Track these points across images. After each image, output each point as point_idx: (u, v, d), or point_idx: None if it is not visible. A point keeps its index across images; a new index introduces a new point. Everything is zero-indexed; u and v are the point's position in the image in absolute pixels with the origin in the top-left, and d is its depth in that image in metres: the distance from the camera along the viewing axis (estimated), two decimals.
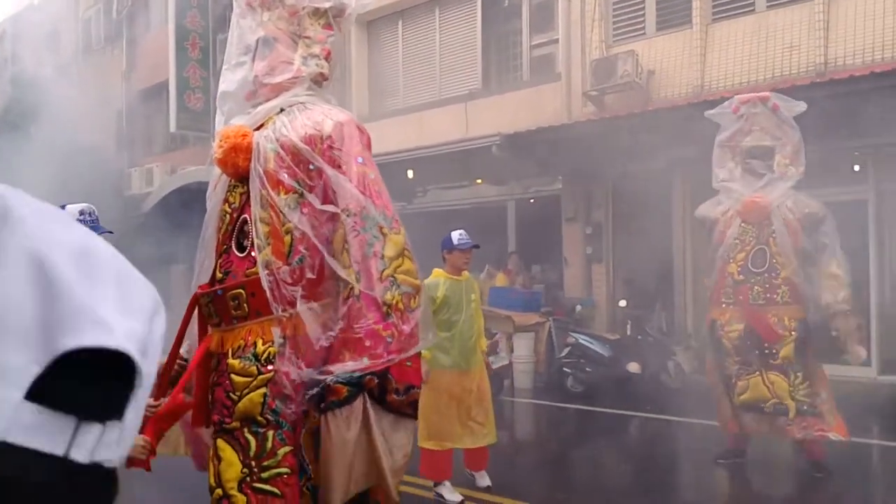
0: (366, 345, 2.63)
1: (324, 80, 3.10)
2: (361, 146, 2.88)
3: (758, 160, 6.33)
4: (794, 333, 6.03)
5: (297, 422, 2.71)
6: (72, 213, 3.67)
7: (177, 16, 19.37)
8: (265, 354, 2.69)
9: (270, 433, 2.66)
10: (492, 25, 14.52)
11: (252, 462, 2.65)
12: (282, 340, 2.70)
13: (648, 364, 10.31)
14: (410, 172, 13.40)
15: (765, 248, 6.23)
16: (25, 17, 23.61)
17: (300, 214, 2.77)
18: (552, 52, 13.68)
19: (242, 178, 2.92)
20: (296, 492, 2.68)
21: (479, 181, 14.16)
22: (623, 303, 11.84)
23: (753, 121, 6.39)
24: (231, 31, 3.25)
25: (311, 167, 2.80)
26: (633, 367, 10.34)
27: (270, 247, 2.75)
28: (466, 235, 6.10)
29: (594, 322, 12.03)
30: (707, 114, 6.58)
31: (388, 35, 15.96)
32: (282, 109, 2.99)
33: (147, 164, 21.26)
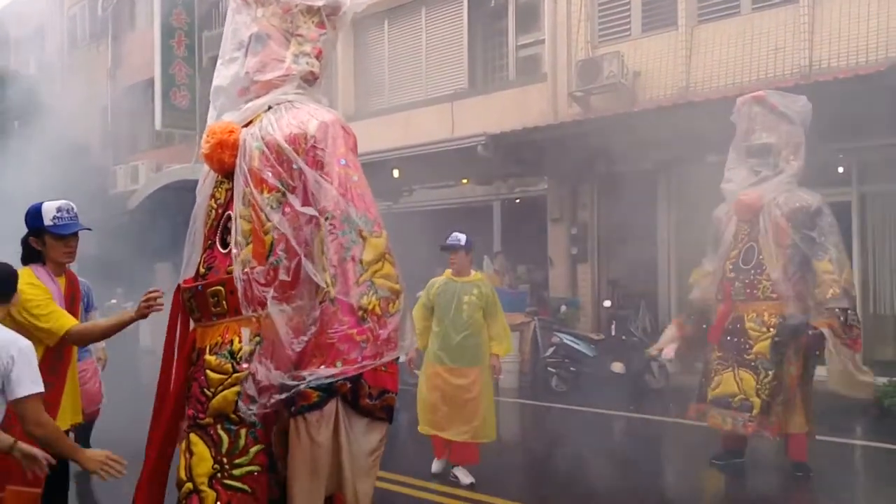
0: (339, 349, 2.59)
1: (314, 79, 3.08)
2: (346, 147, 2.84)
3: (757, 159, 6.36)
4: (772, 330, 6.06)
5: (270, 420, 2.69)
6: (49, 211, 3.62)
7: (162, 13, 19.29)
8: (241, 353, 2.69)
9: (243, 431, 2.66)
10: (478, 25, 14.52)
11: (224, 459, 2.65)
12: (254, 340, 2.69)
13: (632, 364, 10.35)
14: (396, 172, 13.38)
15: (754, 245, 6.27)
16: (10, 13, 23.45)
17: (281, 215, 2.74)
18: (538, 53, 13.71)
19: (228, 175, 2.91)
20: (265, 489, 2.68)
21: (465, 181, 14.16)
22: (608, 303, 11.88)
23: (754, 120, 6.42)
24: (226, 26, 3.23)
25: (294, 167, 2.78)
26: (618, 367, 10.38)
27: (251, 246, 2.74)
28: (457, 236, 6.17)
29: (579, 322, 12.05)
30: (732, 118, 6.59)
31: (375, 34, 15.95)
32: (270, 107, 2.97)
33: (132, 162, 21.15)
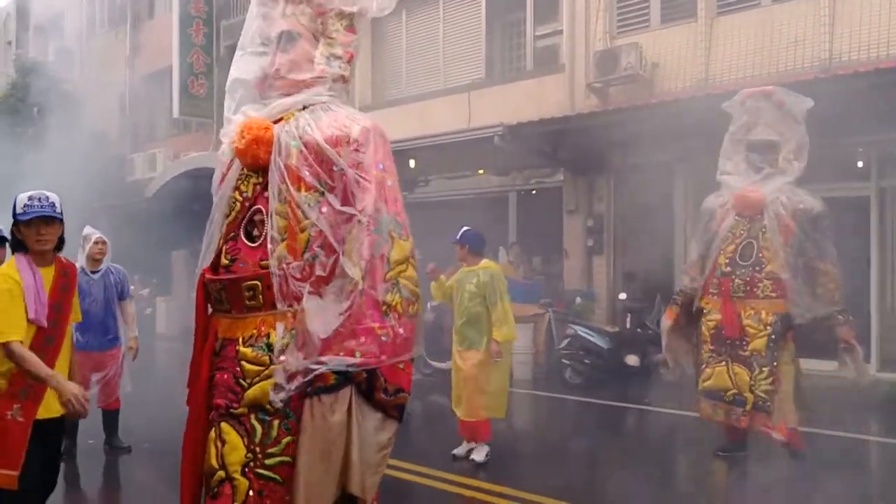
0: (360, 341, 2.66)
1: (344, 83, 3.12)
2: (383, 153, 2.89)
3: (758, 154, 6.33)
4: (769, 328, 6.07)
5: (301, 412, 2.71)
6: (21, 200, 3.72)
7: (181, 1, 19.33)
8: (278, 346, 2.73)
9: (276, 422, 2.70)
10: (496, 15, 14.48)
11: (257, 448, 2.69)
12: (290, 334, 2.72)
13: (647, 357, 10.33)
14: (412, 162, 13.39)
15: (753, 242, 6.25)
16: (29, 0, 23.60)
17: (319, 213, 2.79)
18: (556, 43, 13.65)
19: (258, 169, 2.94)
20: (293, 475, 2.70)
21: (482, 172, 14.15)
22: (623, 296, 11.85)
23: (758, 115, 6.38)
24: (248, 18, 3.22)
25: (335, 168, 2.81)
26: (632, 360, 10.37)
27: (286, 242, 2.78)
28: (460, 231, 6.72)
29: (594, 314, 12.04)
30: (723, 105, 6.58)
31: (393, 24, 15.92)
32: (304, 107, 2.99)
33: (150, 150, 21.26)
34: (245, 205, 2.96)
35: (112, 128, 22.56)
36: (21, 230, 3.78)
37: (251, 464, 2.68)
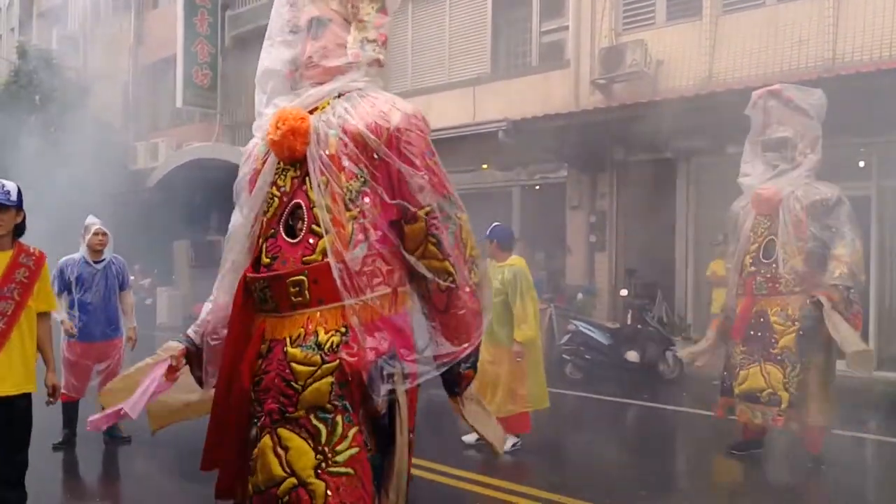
0: (470, 323, 2.79)
1: (380, 67, 3.05)
2: (427, 140, 2.88)
3: (774, 152, 6.34)
4: (797, 324, 6.05)
5: (357, 403, 2.68)
6: None
7: None
8: (328, 343, 2.65)
9: (339, 418, 2.64)
10: (502, 10, 14.49)
11: (325, 448, 2.62)
12: (340, 331, 2.68)
13: (647, 354, 10.37)
14: None
15: (774, 239, 6.24)
16: None
17: (362, 202, 2.72)
18: (562, 39, 13.66)
19: (294, 162, 2.82)
20: (366, 467, 2.68)
21: (485, 166, 14.17)
22: (624, 292, 11.87)
23: (770, 114, 6.39)
24: (275, 7, 3.10)
25: (376, 156, 2.74)
26: (632, 356, 10.41)
27: (330, 235, 2.68)
28: (491, 226, 6.88)
29: (595, 310, 12.08)
30: (746, 111, 6.58)
31: (398, 17, 15.90)
32: (340, 94, 2.89)
33: (153, 140, 21.26)
34: (283, 199, 2.82)
35: (115, 117, 22.56)
36: None
37: (322, 465, 2.61)
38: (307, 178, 2.76)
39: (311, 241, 2.71)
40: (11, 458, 4.26)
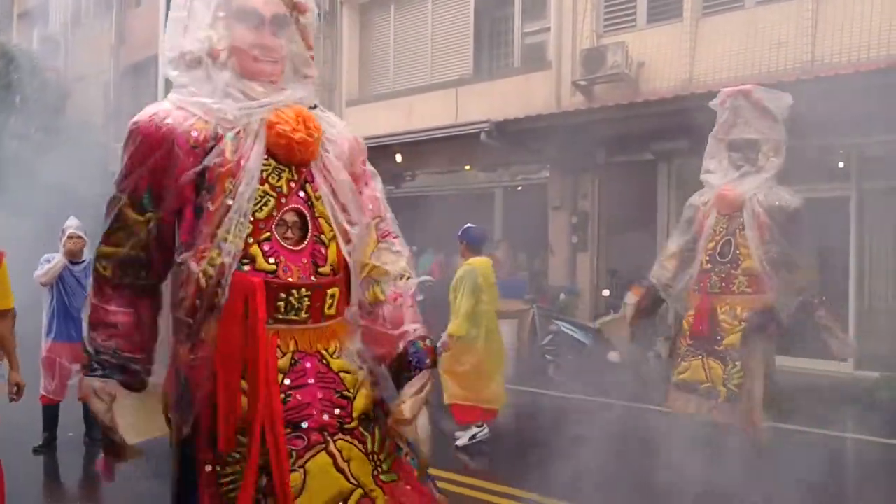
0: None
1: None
2: None
3: (738, 153, 6.38)
4: (743, 324, 6.13)
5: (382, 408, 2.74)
6: None
7: None
8: (358, 351, 2.71)
9: (377, 426, 2.67)
10: (484, 11, 14.52)
11: (374, 455, 2.64)
12: (357, 340, 2.73)
13: (629, 353, 10.41)
14: (399, 157, 13.41)
15: (731, 239, 6.29)
16: None
17: (364, 213, 2.78)
18: (543, 41, 13.70)
19: (290, 165, 2.61)
20: (404, 467, 2.71)
21: (468, 167, 14.19)
22: (606, 292, 11.94)
23: (738, 113, 6.43)
24: None
25: (356, 170, 2.82)
26: (614, 356, 10.45)
27: (355, 246, 2.70)
28: (463, 227, 7.17)
29: (577, 310, 12.12)
30: (710, 104, 6.63)
31: (380, 19, 15.93)
32: (316, 105, 2.77)
33: None
34: (280, 201, 2.59)
35: (96, 117, 22.40)
36: None
37: (375, 472, 2.61)
38: (306, 185, 2.62)
39: (323, 252, 2.60)
40: None
